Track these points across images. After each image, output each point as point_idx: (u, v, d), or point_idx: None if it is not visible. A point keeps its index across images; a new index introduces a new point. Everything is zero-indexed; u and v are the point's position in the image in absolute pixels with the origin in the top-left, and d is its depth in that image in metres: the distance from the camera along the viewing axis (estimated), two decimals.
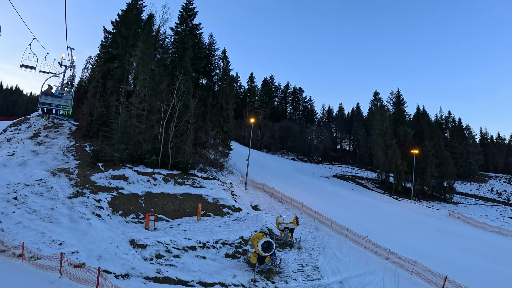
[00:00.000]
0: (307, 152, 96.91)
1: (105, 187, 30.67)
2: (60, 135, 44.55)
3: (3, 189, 28.13)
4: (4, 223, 22.85)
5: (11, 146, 39.70)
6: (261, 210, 36.58)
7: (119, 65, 46.95)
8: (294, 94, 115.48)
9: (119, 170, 34.01)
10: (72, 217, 24.93)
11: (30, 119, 50.51)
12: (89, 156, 36.99)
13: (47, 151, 38.14)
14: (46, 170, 32.71)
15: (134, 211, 29.38)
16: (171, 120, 38.67)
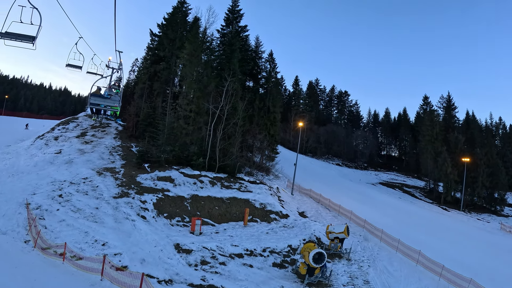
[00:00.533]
0: (353, 158, 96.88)
1: (151, 188, 31.30)
2: (106, 134, 46.37)
3: (48, 186, 29.16)
4: (48, 220, 23.52)
5: (58, 144, 41.54)
6: (308, 217, 36.30)
7: (166, 67, 49.06)
8: (339, 98, 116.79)
9: (165, 171, 34.64)
10: (116, 218, 25.47)
11: (77, 118, 52.99)
12: (135, 156, 37.81)
13: (94, 150, 39.71)
14: (92, 169, 33.84)
15: (180, 214, 29.79)
16: (219, 122, 39.29)
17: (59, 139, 43.67)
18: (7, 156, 39.46)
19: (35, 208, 24.81)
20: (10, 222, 23.01)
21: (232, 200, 33.59)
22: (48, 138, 44.37)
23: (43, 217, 23.81)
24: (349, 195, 51.97)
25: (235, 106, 40.99)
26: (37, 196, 27.10)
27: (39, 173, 32.65)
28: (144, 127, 44.31)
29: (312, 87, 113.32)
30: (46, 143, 42.76)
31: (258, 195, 35.42)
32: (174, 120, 40.24)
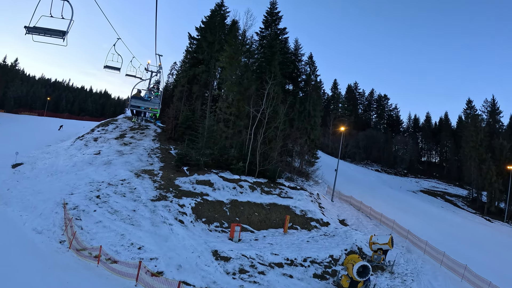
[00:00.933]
0: (392, 164, 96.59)
1: (189, 192, 31.33)
2: (145, 136, 47.35)
3: (86, 187, 29.78)
4: (84, 221, 23.88)
5: (98, 145, 42.81)
6: (349, 226, 36.09)
7: (205, 69, 50.27)
8: (378, 101, 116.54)
9: (204, 175, 34.54)
10: (153, 221, 25.54)
11: (117, 120, 54.82)
12: (174, 159, 38.11)
13: (132, 151, 40.51)
14: (130, 170, 34.33)
15: (218, 219, 29.68)
16: (259, 126, 39.38)
17: (98, 140, 44.94)
18: (47, 156, 40.84)
19: (72, 208, 25.31)
20: (46, 222, 23.66)
21: (272, 206, 33.37)
22: (88, 139, 45.83)
23: (80, 218, 24.19)
24: (390, 202, 51.38)
25: (276, 109, 40.99)
26: (74, 196, 27.76)
27: (78, 173, 33.60)
28: (183, 130, 45.00)
29: (351, 91, 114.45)
30: (85, 144, 44.07)
31: (298, 202, 35.19)
32: (214, 123, 40.44)
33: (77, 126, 65.51)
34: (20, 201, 27.34)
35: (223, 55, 44.21)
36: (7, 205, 26.64)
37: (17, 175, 34.29)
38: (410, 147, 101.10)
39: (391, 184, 76.26)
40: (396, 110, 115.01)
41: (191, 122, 44.90)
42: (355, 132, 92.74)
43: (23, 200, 27.51)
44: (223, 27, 52.85)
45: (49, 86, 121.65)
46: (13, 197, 28.22)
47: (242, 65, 45.43)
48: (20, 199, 27.70)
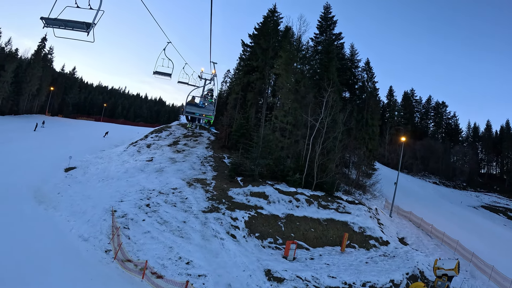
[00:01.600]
0: (450, 176, 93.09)
1: (243, 204, 30.08)
2: (198, 144, 46.68)
3: (136, 195, 29.28)
4: (132, 230, 23.29)
5: (150, 152, 42.68)
6: (409, 245, 34.02)
7: (259, 77, 49.87)
8: (436, 109, 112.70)
9: (259, 186, 33.24)
10: (204, 234, 24.48)
11: (170, 127, 54.90)
12: (227, 168, 37.12)
13: (185, 159, 39.82)
14: (182, 179, 33.58)
15: (272, 234, 28.29)
16: (317, 136, 37.79)
17: (151, 147, 44.90)
18: (100, 161, 41.06)
19: (121, 216, 24.82)
20: (93, 229, 23.45)
21: (329, 222, 31.84)
22: (141, 145, 45.95)
23: (128, 227, 23.64)
24: (450, 219, 49.05)
25: (335, 118, 39.39)
26: (124, 203, 27.32)
27: (129, 180, 33.27)
28: (237, 138, 44.19)
29: (407, 98, 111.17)
30: (138, 150, 44.17)
31: (357, 218, 33.65)
32: (270, 132, 39.20)
33: (132, 132, 67.59)
34: (69, 206, 27.36)
35: (278, 62, 43.44)
36: (56, 209, 26.72)
37: (69, 179, 34.72)
38: (469, 158, 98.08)
39: (450, 198, 73.60)
40: (454, 118, 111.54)
41: (245, 130, 43.89)
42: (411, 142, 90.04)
43: (72, 205, 27.52)
44: (276, 34, 52.42)
45: (105, 93, 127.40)
46: (62, 201, 28.39)
47: (298, 72, 44.33)
48: (70, 204, 27.75)
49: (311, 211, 32.38)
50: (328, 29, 55.09)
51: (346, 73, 55.37)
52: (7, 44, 78.78)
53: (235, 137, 45.05)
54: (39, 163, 38.35)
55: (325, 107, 38.04)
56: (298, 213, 31.47)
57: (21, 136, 52.03)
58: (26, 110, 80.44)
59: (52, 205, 27.55)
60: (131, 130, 72.43)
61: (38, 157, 40.62)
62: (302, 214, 31.48)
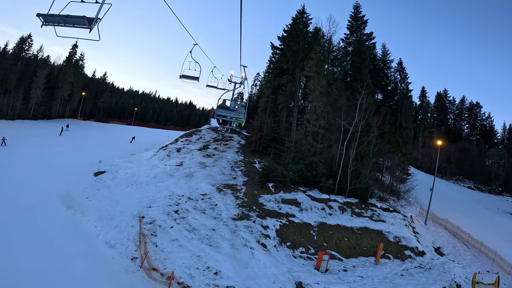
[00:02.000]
0: (486, 180, 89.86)
1: (274, 212, 29.07)
2: (229, 148, 46.12)
3: (165, 200, 28.86)
4: (160, 238, 22.75)
5: (180, 156, 42.48)
6: (445, 255, 32.53)
7: (290, 79, 48.98)
8: (470, 110, 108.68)
9: (291, 193, 32.15)
10: (233, 243, 23.70)
11: (200, 131, 54.51)
12: (258, 173, 36.27)
13: (215, 164, 39.20)
14: (212, 184, 32.93)
15: (304, 244, 27.23)
16: (351, 140, 36.56)
17: (181, 151, 44.70)
18: (130, 165, 41.15)
19: (149, 223, 24.38)
20: (120, 235, 23.22)
21: (363, 230, 30.59)
22: (171, 150, 45.78)
23: (155, 234, 23.12)
24: (487, 227, 46.57)
25: (369, 122, 38.21)
26: (152, 209, 26.90)
27: (158, 185, 32.97)
28: (268, 142, 43.58)
29: (440, 99, 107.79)
30: (168, 154, 44.05)
31: (392, 226, 32.29)
32: (302, 137, 38.34)
33: (162, 136, 67.90)
34: (97, 211, 27.24)
35: (309, 64, 42.40)
36: (84, 214, 26.62)
37: (98, 183, 34.74)
38: (505, 161, 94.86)
39: (486, 204, 70.61)
40: (489, 119, 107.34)
41: (276, 134, 43.11)
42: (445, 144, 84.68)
43: (100, 210, 27.40)
44: (306, 35, 51.47)
45: (136, 97, 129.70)
46: (91, 206, 28.35)
47: (330, 74, 43.25)
48: (98, 209, 27.63)
49: (344, 219, 31.19)
50: (359, 29, 53.69)
51: (379, 74, 54.05)
52: (39, 51, 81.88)
53: (266, 141, 44.38)
54: (70, 167, 38.78)
55: (359, 110, 36.77)
56: (331, 221, 30.31)
57: (52, 141, 53.25)
58: (58, 115, 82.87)
59: (80, 209, 27.53)
60: (162, 134, 72.78)
61: (69, 162, 41.07)
62: (335, 223, 30.31)
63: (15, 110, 72.03)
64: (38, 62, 78.84)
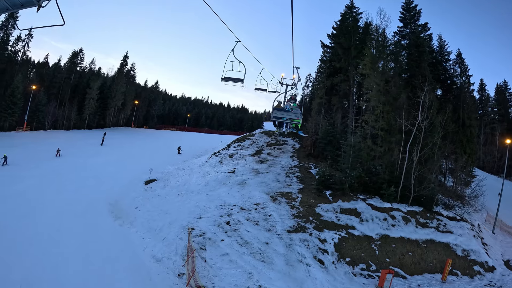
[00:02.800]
0: None
1: (333, 223, 26.83)
2: (283, 153, 44.33)
3: (216, 210, 27.64)
4: (209, 252, 21.43)
5: (233, 162, 41.44)
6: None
7: (343, 78, 47.07)
8: None
9: (350, 202, 29.71)
10: (288, 259, 21.93)
11: (253, 135, 53.49)
12: (314, 179, 34.06)
13: (269, 170, 37.70)
14: (265, 192, 31.34)
15: (365, 259, 24.91)
16: (414, 143, 33.52)
17: (234, 157, 43.61)
18: (181, 173, 40.62)
19: (198, 235, 23.21)
20: (168, 248, 22.29)
21: (429, 243, 27.56)
22: (223, 156, 44.86)
23: (205, 247, 21.82)
24: None
25: (433, 121, 34.87)
26: (202, 220, 25.81)
27: (209, 194, 31.95)
28: (323, 146, 41.61)
29: (500, 92, 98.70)
30: (220, 160, 43.12)
31: (459, 238, 28.96)
32: (360, 140, 35.80)
33: (215, 141, 67.45)
34: (146, 222, 26.74)
35: (363, 61, 40.39)
36: (132, 225, 26.27)
37: (148, 192, 34.36)
38: None
39: None
40: None
41: (332, 137, 41.05)
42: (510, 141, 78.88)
43: (149, 221, 26.85)
44: (356, 31, 49.27)
45: (189, 104, 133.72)
46: (139, 216, 27.90)
47: (387, 71, 40.76)
48: (146, 220, 27.13)
49: (408, 230, 28.28)
50: (412, 21, 50.73)
51: (437, 68, 50.31)
52: (91, 64, 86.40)
53: (322, 144, 42.36)
54: (121, 176, 39.09)
55: (422, 108, 33.55)
56: (394, 234, 27.52)
57: (104, 149, 54.57)
58: (112, 124, 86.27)
59: (128, 220, 27.24)
60: (215, 139, 72.92)
61: (120, 170, 41.54)
62: (398, 235, 27.48)
63: (70, 121, 76.96)
64: (90, 74, 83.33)
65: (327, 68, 52.12)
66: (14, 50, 70.37)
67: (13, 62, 70.62)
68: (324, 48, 54.06)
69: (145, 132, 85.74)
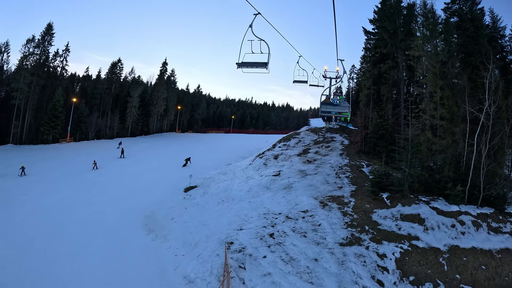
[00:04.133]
0: None
1: (392, 233, 22.69)
2: (331, 151, 40.73)
3: (259, 220, 24.67)
4: (249, 271, 18.66)
5: (278, 164, 38.30)
6: None
7: (392, 65, 42.76)
8: None
9: (411, 205, 25.31)
10: (341, 280, 18.60)
11: (299, 133, 49.96)
12: (368, 179, 30.14)
13: (317, 171, 34.24)
14: (314, 197, 28.00)
15: (432, 277, 20.38)
16: (481, 132, 27.91)
17: (279, 158, 40.42)
18: (223, 178, 38.06)
19: (237, 251, 20.36)
20: (203, 267, 19.85)
21: (504, 253, 22.33)
22: (268, 157, 41.84)
23: (244, 266, 18.93)
24: None
25: (501, 106, 29.30)
26: (243, 232, 23.01)
27: (252, 201, 29.05)
28: (375, 141, 37.96)
29: None
30: (265, 162, 40.16)
31: None
32: (419, 132, 30.95)
33: (260, 141, 65.19)
34: (181, 235, 24.42)
35: (415, 42, 36.30)
36: (165, 239, 24.06)
37: (186, 201, 31.97)
38: None
39: None
40: None
41: (384, 131, 37.30)
42: None
43: (184, 234, 24.48)
44: (400, 12, 44.66)
45: (233, 106, 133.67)
46: (175, 229, 25.58)
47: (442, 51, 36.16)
48: (182, 233, 24.80)
49: (480, 238, 23.13)
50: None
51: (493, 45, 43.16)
52: (130, 73, 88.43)
53: (373, 139, 38.61)
54: (161, 183, 37.61)
55: (488, 90, 28.06)
56: (465, 244, 22.50)
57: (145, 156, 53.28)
58: (156, 130, 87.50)
59: (162, 233, 25.00)
60: (260, 140, 70.28)
61: (161, 177, 39.86)
62: (469, 245, 22.43)
63: (113, 130, 79.59)
64: (130, 83, 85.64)
65: (372, 56, 48.06)
66: (53, 65, 72.79)
67: (53, 77, 72.66)
68: (367, 34, 50.26)
69: (189, 137, 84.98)
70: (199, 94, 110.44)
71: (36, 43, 67.30)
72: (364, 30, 50.38)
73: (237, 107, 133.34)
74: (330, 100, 49.45)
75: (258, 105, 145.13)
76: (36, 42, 67.34)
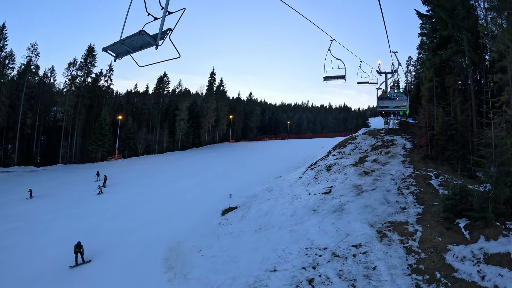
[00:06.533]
0: None
1: (473, 284, 15.66)
2: (392, 158, 34.15)
3: (299, 258, 19.32)
4: None
5: (330, 177, 32.51)
6: None
7: (457, 49, 35.00)
8: None
9: (498, 240, 17.43)
10: None
11: (356, 138, 43.46)
12: (437, 196, 23.19)
13: (375, 186, 27.70)
14: (370, 224, 21.92)
15: None
16: None
17: (332, 169, 34.19)
18: (267, 196, 32.89)
19: None
20: None
21: None
22: (320, 168, 35.94)
23: None
24: None
25: None
26: (276, 276, 17.95)
27: (294, 230, 23.52)
28: (443, 144, 30.81)
29: None
30: (315, 175, 34.24)
31: None
32: (503, 134, 21.57)
33: (315, 147, 59.93)
34: (204, 275, 19.73)
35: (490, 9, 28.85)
36: (185, 279, 19.50)
37: (221, 227, 26.99)
38: None
39: None
40: None
41: (454, 131, 30.16)
42: None
43: (208, 273, 19.78)
44: None
45: (289, 111, 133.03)
46: (198, 265, 20.89)
47: None
48: (205, 271, 20.12)
49: None
50: None
51: None
52: (178, 86, 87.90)
53: (441, 142, 31.38)
54: (199, 204, 33.32)
55: None
56: None
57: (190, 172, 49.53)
58: (208, 141, 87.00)
59: (183, 272, 20.42)
60: (317, 144, 64.14)
61: (201, 196, 36.48)
62: None
63: (163, 144, 78.19)
64: (178, 96, 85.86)
65: (431, 42, 40.88)
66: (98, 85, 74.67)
67: (99, 96, 74.18)
68: (422, 18, 43.37)
69: (242, 146, 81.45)
70: (252, 101, 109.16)
71: (78, 65, 69.39)
72: (418, 13, 43.66)
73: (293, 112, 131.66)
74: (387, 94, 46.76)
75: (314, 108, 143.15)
76: (78, 64, 69.48)
